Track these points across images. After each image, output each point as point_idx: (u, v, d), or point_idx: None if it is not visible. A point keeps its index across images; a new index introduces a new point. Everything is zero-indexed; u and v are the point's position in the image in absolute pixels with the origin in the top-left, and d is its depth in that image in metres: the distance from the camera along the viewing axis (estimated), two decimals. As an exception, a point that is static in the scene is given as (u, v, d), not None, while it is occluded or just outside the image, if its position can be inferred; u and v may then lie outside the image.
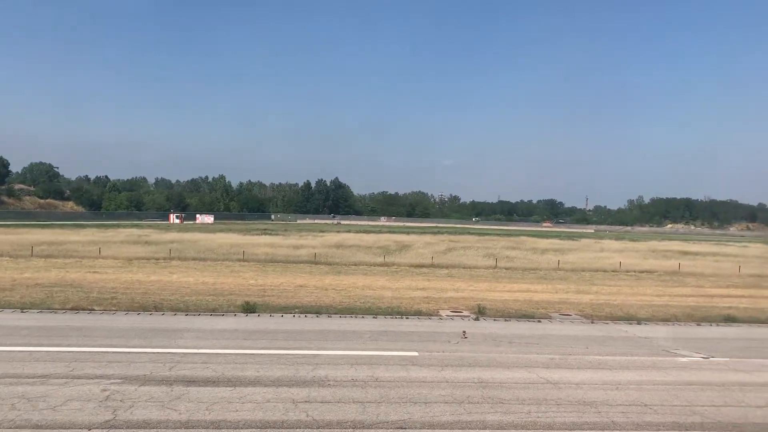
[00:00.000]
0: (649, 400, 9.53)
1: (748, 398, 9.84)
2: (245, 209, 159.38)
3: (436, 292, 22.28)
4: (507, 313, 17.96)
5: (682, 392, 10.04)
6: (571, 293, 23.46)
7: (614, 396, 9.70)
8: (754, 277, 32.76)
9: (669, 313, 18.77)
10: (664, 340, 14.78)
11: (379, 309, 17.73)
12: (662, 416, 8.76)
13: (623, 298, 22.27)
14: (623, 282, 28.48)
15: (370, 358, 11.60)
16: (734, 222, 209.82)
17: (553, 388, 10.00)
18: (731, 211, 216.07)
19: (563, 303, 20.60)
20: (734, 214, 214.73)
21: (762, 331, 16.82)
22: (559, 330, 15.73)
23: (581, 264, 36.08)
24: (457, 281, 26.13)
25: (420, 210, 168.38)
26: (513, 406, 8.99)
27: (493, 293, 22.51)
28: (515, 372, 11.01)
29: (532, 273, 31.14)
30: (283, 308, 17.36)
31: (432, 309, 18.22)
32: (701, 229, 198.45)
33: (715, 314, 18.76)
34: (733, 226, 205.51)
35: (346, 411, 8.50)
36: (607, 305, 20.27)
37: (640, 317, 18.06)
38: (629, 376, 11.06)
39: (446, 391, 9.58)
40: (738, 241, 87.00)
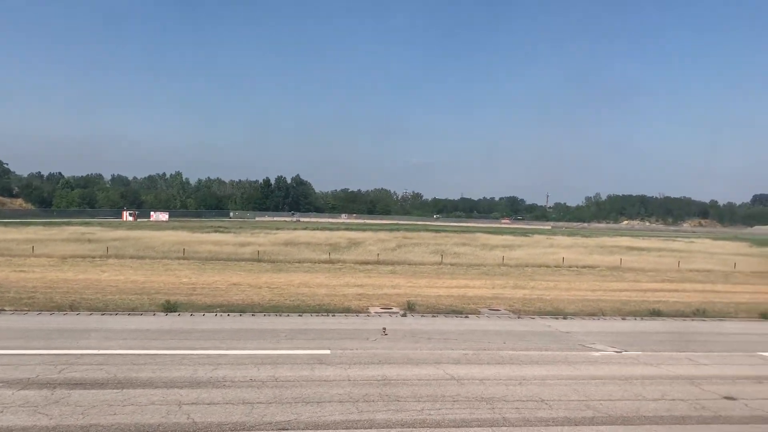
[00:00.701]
0: (548, 395, 9.50)
1: (646, 391, 9.91)
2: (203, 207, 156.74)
3: (373, 288, 22.10)
4: (437, 309, 17.88)
5: (584, 387, 10.05)
6: (508, 288, 23.59)
7: (515, 391, 9.63)
8: (693, 272, 33.61)
9: (598, 308, 18.98)
10: (585, 334, 14.89)
11: (307, 307, 17.43)
12: (555, 411, 8.72)
13: (557, 293, 22.48)
14: (563, 277, 28.83)
15: (277, 358, 11.31)
16: (687, 218, 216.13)
17: (456, 385, 9.89)
18: (685, 207, 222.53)
19: (497, 298, 20.65)
20: (687, 211, 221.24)
21: (684, 324, 17.11)
22: (483, 325, 15.70)
23: (526, 260, 36.43)
24: (398, 278, 26.02)
25: (381, 207, 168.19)
26: (408, 403, 8.83)
27: (430, 289, 22.46)
28: (423, 369, 10.87)
29: (475, 269, 31.27)
30: (208, 307, 16.91)
31: (362, 306, 18.01)
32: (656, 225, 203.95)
33: (643, 308, 19.04)
34: (686, 222, 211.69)
35: (231, 413, 8.21)
36: (539, 300, 20.41)
37: (567, 312, 18.20)
38: (537, 371, 11.04)
39: (345, 390, 9.37)
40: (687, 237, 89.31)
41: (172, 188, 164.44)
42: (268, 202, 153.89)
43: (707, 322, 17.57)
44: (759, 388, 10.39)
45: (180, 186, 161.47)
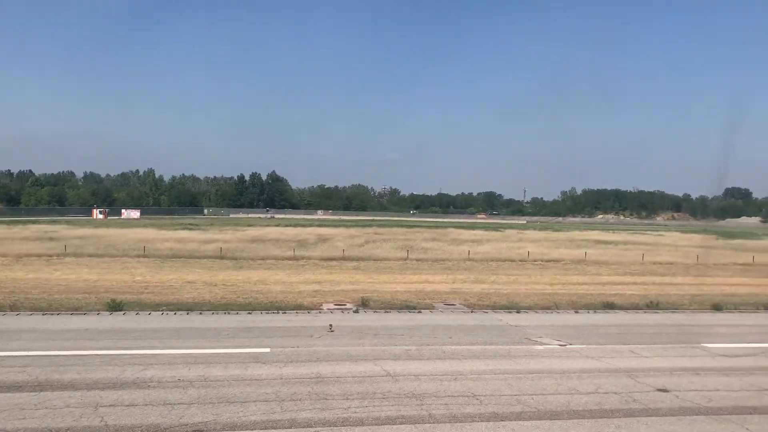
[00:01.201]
0: (481, 390, 9.39)
1: (581, 385, 9.85)
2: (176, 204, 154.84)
3: (332, 285, 21.88)
4: (391, 304, 17.73)
5: (520, 381, 9.96)
6: (468, 283, 23.54)
7: (448, 387, 9.51)
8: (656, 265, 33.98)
9: (553, 301, 19.00)
10: (534, 328, 14.85)
11: (258, 304, 17.17)
12: (484, 407, 8.61)
13: (516, 287, 22.49)
14: (526, 271, 28.90)
15: (213, 357, 11.05)
16: (661, 212, 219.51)
17: (390, 381, 9.73)
18: (658, 201, 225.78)
19: (455, 293, 20.58)
20: (661, 204, 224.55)
21: (634, 317, 17.19)
22: (434, 320, 15.59)
23: (492, 254, 36.50)
24: (360, 274, 25.84)
25: (357, 203, 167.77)
26: (335, 401, 8.64)
27: (390, 285, 22.32)
28: (360, 365, 10.70)
29: (440, 264, 31.22)
30: (156, 306, 16.56)
31: (316, 302, 17.79)
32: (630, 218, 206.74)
33: (598, 302, 19.09)
34: (659, 215, 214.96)
35: (148, 414, 7.94)
36: (497, 294, 20.37)
37: (522, 306, 18.18)
38: (476, 365, 10.94)
39: (273, 389, 9.15)
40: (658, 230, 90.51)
41: (145, 186, 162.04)
42: (243, 198, 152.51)
43: (659, 314, 17.67)
44: (694, 379, 10.41)
45: (152, 183, 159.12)
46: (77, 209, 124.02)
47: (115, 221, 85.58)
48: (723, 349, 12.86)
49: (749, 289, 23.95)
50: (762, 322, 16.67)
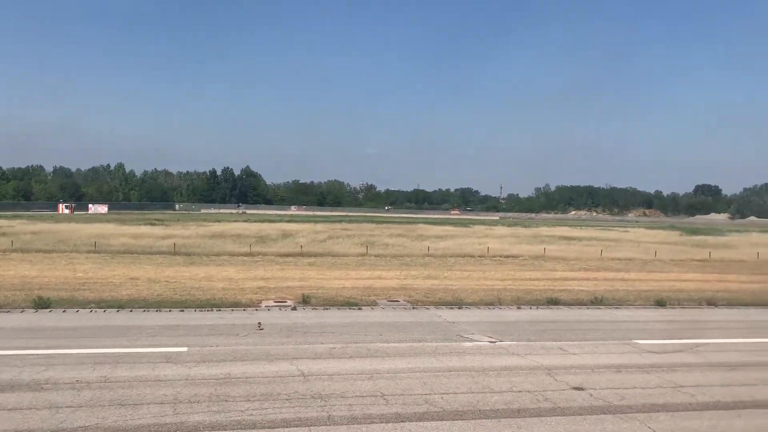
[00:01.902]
0: (393, 389, 9.14)
1: (497, 383, 9.66)
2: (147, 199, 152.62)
3: (280, 281, 21.49)
4: (334, 301, 17.42)
5: (435, 379, 9.73)
6: (420, 279, 23.33)
7: (360, 386, 9.24)
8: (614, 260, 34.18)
9: (498, 297, 18.85)
10: (470, 324, 14.67)
11: (194, 302, 16.74)
12: (389, 407, 8.35)
13: (466, 283, 22.33)
14: (482, 267, 28.80)
15: (124, 356, 10.63)
16: (633, 208, 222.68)
17: (300, 381, 9.43)
18: (630, 197, 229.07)
19: (404, 289, 20.33)
20: (633, 201, 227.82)
21: (575, 313, 17.10)
22: (371, 317, 15.32)
23: (453, 250, 36.39)
24: (313, 270, 25.47)
25: (331, 199, 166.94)
26: (235, 403, 8.31)
27: (339, 281, 22.00)
28: (276, 365, 10.38)
29: (398, 260, 30.98)
30: (87, 303, 16.04)
31: (256, 300, 17.40)
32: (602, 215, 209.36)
33: (543, 297, 18.97)
34: (631, 212, 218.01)
35: (28, 419, 7.53)
36: (445, 290, 20.19)
37: (466, 302, 18.01)
38: (397, 364, 10.69)
39: (174, 390, 8.79)
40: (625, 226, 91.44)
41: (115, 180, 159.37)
42: (215, 194, 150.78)
43: (601, 310, 17.63)
44: (614, 376, 10.29)
45: (122, 178, 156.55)
46: (43, 204, 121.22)
47: (80, 216, 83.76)
48: (652, 346, 12.80)
49: (698, 284, 24.12)
50: (699, 318, 16.70)
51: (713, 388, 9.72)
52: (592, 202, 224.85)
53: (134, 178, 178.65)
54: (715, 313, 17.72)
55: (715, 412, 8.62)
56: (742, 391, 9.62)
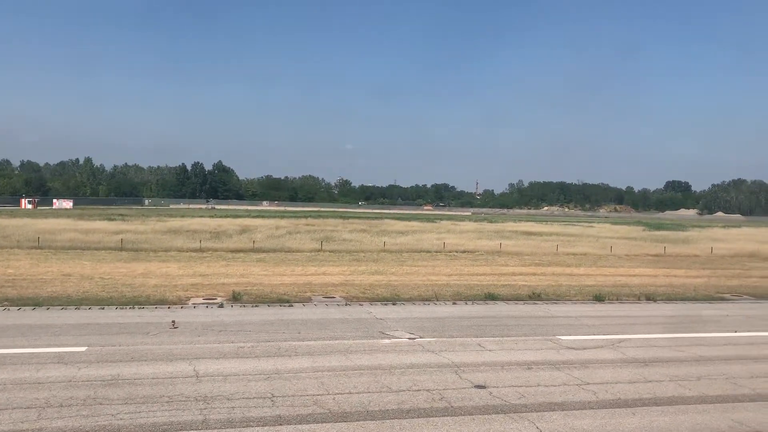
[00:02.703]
0: (285, 390, 8.77)
1: (398, 382, 9.35)
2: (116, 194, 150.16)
3: (219, 278, 20.99)
4: (267, 298, 16.99)
5: (334, 379, 9.39)
6: (366, 274, 23.01)
7: (253, 388, 8.86)
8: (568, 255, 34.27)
9: (437, 293, 18.61)
10: (398, 321, 14.39)
11: (120, 299, 16.20)
12: (274, 409, 7.99)
13: (411, 278, 22.08)
14: (435, 262, 28.60)
15: (11, 357, 10.13)
16: (604, 204, 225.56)
17: (191, 383, 9.01)
18: (601, 193, 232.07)
19: (345, 285, 19.98)
20: (604, 197, 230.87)
21: (509, 308, 16.89)
22: (298, 314, 14.95)
23: (411, 245, 36.18)
24: (258, 266, 25.01)
25: (303, 194, 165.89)
26: (110, 407, 7.87)
27: (282, 277, 21.59)
28: (172, 365, 9.94)
29: (351, 255, 30.64)
30: (2, 300, 15.38)
31: (184, 297, 16.89)
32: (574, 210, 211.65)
33: (483, 293, 18.75)
34: (603, 207, 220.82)
35: None
36: (386, 286, 19.89)
37: (403, 298, 17.74)
38: (302, 363, 10.33)
39: (50, 393, 8.32)
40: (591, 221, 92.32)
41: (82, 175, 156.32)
42: (184, 189, 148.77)
43: (537, 305, 17.48)
44: (522, 374, 10.06)
45: (89, 172, 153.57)
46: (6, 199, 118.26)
47: (42, 211, 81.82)
48: (574, 342, 12.64)
49: (645, 279, 24.20)
50: (632, 313, 16.64)
51: (619, 386, 9.55)
52: (564, 198, 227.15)
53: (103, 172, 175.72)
54: (651, 308, 17.70)
55: (611, 410, 8.43)
56: (646, 388, 9.46)
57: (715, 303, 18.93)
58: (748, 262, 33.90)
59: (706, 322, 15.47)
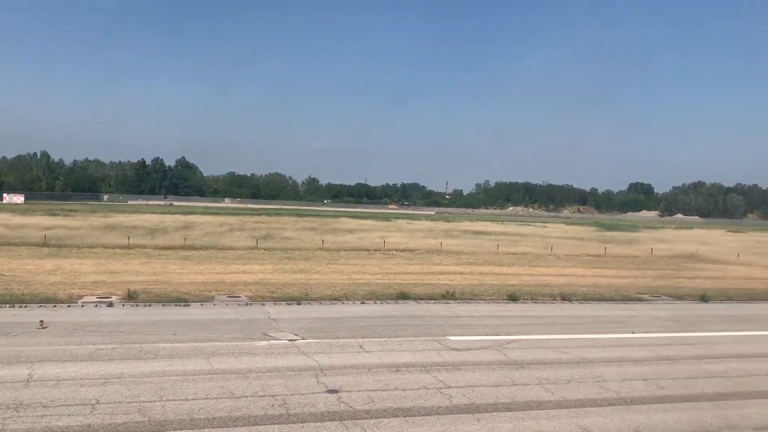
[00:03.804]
0: (115, 396, 8.20)
1: (247, 387, 8.85)
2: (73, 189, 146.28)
3: (128, 275, 20.15)
4: (167, 297, 16.31)
5: (177, 385, 8.84)
6: (288, 273, 22.44)
7: (81, 394, 8.27)
8: (508, 255, 34.19)
9: (350, 292, 18.17)
10: (289, 321, 13.90)
11: (5, 296, 15.30)
12: (91, 417, 7.45)
13: (333, 277, 21.58)
14: (368, 261, 28.14)
15: None
16: (568, 205, 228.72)
17: (18, 388, 8.38)
18: (565, 194, 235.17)
19: (259, 283, 19.35)
20: (568, 198, 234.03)
21: (417, 307, 16.48)
22: (189, 314, 14.33)
23: (352, 243, 35.70)
24: (177, 263, 24.20)
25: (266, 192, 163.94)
26: None
27: (195, 275, 20.89)
28: (7, 369, 9.28)
29: (285, 253, 30.00)
30: None
31: (78, 295, 16.11)
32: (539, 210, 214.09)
33: (396, 292, 18.28)
34: (566, 208, 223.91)
35: None
36: (302, 285, 19.32)
37: (312, 297, 17.23)
38: (155, 366, 9.75)
39: None
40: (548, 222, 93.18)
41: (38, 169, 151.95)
42: (144, 185, 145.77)
43: (447, 304, 17.10)
44: (386, 377, 9.64)
45: (46, 166, 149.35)
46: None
47: (-13, 206, 79.09)
48: (461, 342, 12.30)
49: (572, 279, 24.12)
50: (539, 313, 16.41)
51: (480, 389, 9.20)
52: (529, 199, 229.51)
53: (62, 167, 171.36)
54: (562, 309, 17.51)
55: (456, 416, 8.07)
56: (507, 392, 9.13)
57: (630, 304, 18.84)
58: (684, 263, 34.27)
59: (609, 323, 15.31)
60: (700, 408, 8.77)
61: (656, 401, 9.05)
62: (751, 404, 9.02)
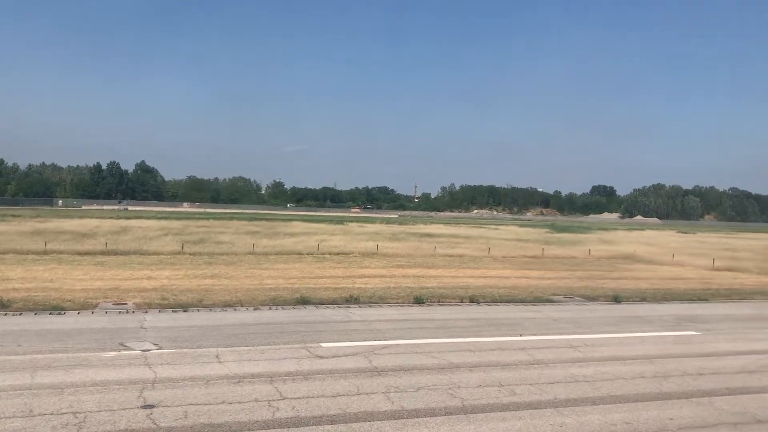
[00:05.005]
0: None
1: (50, 404, 8.07)
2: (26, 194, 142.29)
3: (23, 282, 19.13)
4: (44, 305, 15.38)
5: (-24, 402, 8.02)
6: (197, 278, 21.57)
7: None
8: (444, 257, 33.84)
9: (252, 297, 17.45)
10: (163, 329, 13.16)
11: None
12: None
13: (244, 282, 20.81)
14: (294, 265, 27.38)
15: None
16: (531, 207, 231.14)
17: None
18: (529, 197, 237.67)
19: (158, 289, 18.47)
20: (531, 200, 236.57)
21: (310, 313, 15.85)
22: (56, 323, 13.46)
23: (288, 247, 34.92)
24: (80, 269, 23.15)
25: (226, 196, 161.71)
26: None
27: (95, 281, 19.93)
28: None
29: (210, 257, 29.10)
30: None
31: (-55, 304, 15.02)
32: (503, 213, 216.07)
33: (297, 297, 17.57)
34: (530, 211, 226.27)
35: None
36: (204, 291, 18.53)
37: (206, 303, 16.48)
38: (-33, 382, 8.89)
39: None
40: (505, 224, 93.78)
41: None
42: (99, 189, 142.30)
43: (345, 309, 16.46)
44: (217, 390, 8.95)
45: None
46: None
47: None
48: (331, 349, 11.71)
49: (492, 281, 23.75)
50: (436, 316, 15.88)
51: (316, 400, 8.60)
52: (493, 201, 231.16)
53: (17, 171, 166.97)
54: (465, 311, 17.04)
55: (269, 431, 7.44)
56: (343, 403, 8.52)
57: (538, 305, 18.52)
58: (619, 264, 34.39)
59: (502, 326, 14.88)
60: (539, 416, 8.31)
61: (501, 409, 8.56)
62: (594, 410, 8.60)
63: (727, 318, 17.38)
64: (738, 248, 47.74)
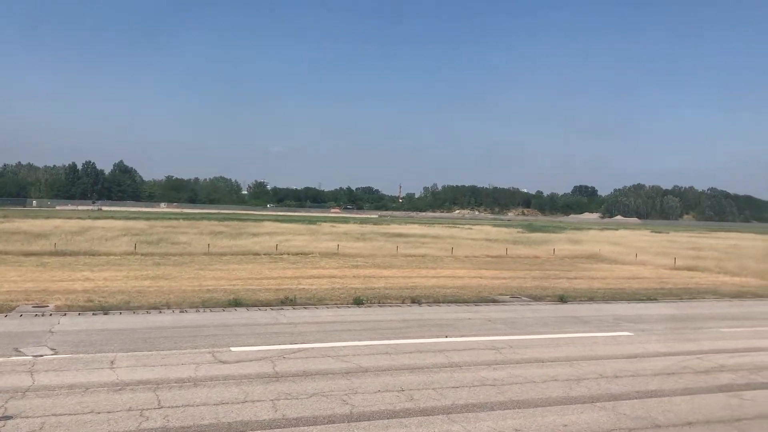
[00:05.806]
0: None
1: None
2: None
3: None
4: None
5: None
6: (137, 279, 20.95)
7: None
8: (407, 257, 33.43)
9: (182, 299, 16.87)
10: (73, 333, 12.54)
11: None
12: None
13: (184, 283, 20.23)
14: (247, 265, 26.80)
15: None
16: (513, 207, 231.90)
17: None
18: (510, 197, 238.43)
19: (85, 292, 17.75)
20: (513, 200, 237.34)
21: (240, 315, 15.28)
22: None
23: (247, 247, 34.33)
24: (15, 271, 22.41)
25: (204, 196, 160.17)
26: None
27: (25, 283, 19.31)
28: None
29: (161, 258, 28.43)
30: None
31: None
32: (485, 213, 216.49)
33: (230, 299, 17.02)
34: (511, 211, 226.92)
35: None
36: (137, 292, 17.90)
37: (133, 305, 15.88)
38: None
39: None
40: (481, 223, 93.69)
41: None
42: (74, 189, 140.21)
43: (282, 310, 15.93)
44: (90, 399, 8.38)
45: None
46: None
47: None
48: (239, 354, 11.17)
49: (443, 281, 23.38)
50: (369, 318, 15.39)
51: (196, 409, 8.08)
52: (475, 201, 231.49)
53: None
54: (402, 312, 16.55)
55: (124, 445, 6.92)
56: (221, 412, 8.01)
57: (480, 305, 18.12)
58: (581, 263, 34.20)
59: (432, 327, 14.44)
60: (427, 423, 7.86)
61: (390, 416, 8.10)
62: (488, 416, 8.18)
63: (668, 318, 17.12)
64: (704, 247, 47.93)
